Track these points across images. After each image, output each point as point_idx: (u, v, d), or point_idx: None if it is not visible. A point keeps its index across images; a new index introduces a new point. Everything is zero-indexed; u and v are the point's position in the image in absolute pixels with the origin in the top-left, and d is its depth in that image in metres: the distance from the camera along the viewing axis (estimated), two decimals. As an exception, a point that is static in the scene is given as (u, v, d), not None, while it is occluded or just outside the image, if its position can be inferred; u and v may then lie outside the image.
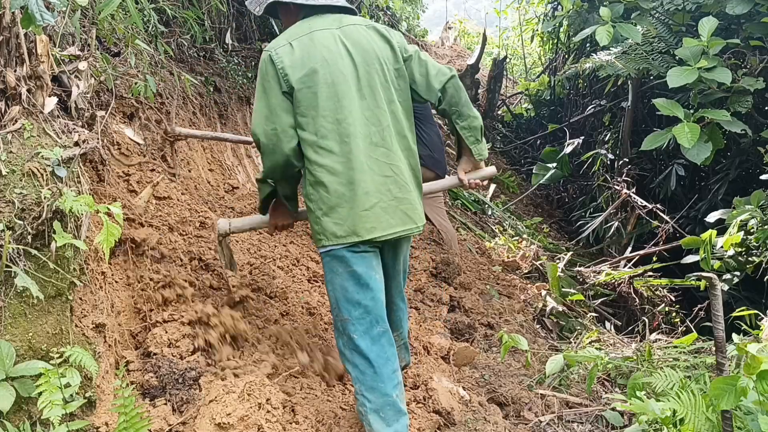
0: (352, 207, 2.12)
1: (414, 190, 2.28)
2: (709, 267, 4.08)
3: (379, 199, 2.15)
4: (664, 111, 4.34)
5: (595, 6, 6.47)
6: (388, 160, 2.20)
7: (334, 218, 2.13)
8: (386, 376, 2.19)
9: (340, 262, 2.17)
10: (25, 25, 1.86)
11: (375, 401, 2.17)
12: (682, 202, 6.23)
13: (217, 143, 4.19)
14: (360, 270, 2.17)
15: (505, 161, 8.78)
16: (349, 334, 2.19)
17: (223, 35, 4.65)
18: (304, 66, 2.13)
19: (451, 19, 14.56)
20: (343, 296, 2.19)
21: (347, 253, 2.15)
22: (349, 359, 2.23)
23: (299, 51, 2.15)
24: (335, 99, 2.13)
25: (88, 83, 2.48)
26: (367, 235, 2.13)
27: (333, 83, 2.14)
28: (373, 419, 2.16)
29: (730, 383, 2.00)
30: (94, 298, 2.16)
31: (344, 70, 2.16)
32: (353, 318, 2.18)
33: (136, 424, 1.91)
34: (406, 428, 2.22)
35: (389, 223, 2.17)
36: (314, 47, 2.16)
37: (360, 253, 2.17)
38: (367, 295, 2.18)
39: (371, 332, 2.19)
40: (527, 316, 4.18)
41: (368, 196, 2.13)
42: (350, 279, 2.17)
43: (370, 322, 2.19)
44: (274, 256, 3.35)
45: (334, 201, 2.13)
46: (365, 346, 2.18)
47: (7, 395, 1.77)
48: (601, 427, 2.93)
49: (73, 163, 2.07)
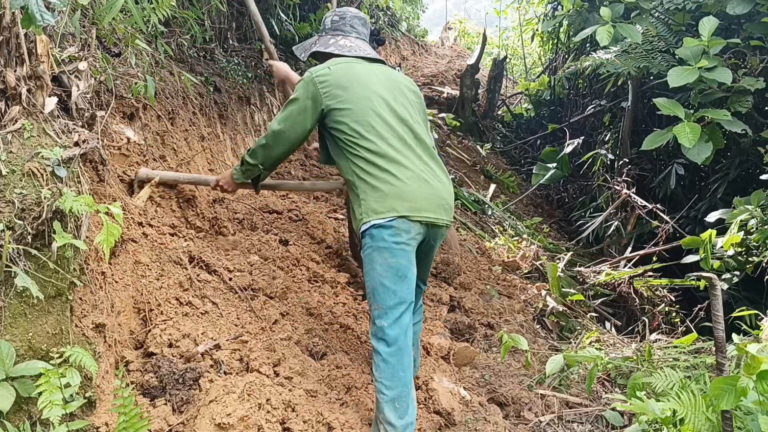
0: (395, 189, 2.34)
1: (448, 187, 2.54)
2: (709, 267, 4.08)
3: (419, 186, 2.39)
4: (665, 110, 4.34)
5: (596, 6, 6.47)
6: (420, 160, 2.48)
7: (375, 197, 2.35)
8: (407, 364, 2.33)
9: (381, 252, 2.33)
10: (25, 25, 1.86)
11: (394, 390, 2.28)
12: (682, 202, 6.23)
13: (217, 143, 4.19)
14: (399, 262, 2.33)
15: (505, 161, 8.78)
16: (380, 323, 2.32)
17: (223, 35, 4.66)
18: (340, 83, 2.47)
19: (451, 19, 14.58)
20: (381, 285, 2.33)
21: (392, 244, 2.32)
22: (376, 347, 2.34)
23: (338, 71, 2.50)
24: (367, 108, 2.44)
25: (88, 83, 2.48)
26: (405, 212, 2.33)
27: (366, 97, 2.45)
28: (388, 409, 2.26)
29: (730, 383, 2.00)
30: (94, 298, 2.16)
31: (375, 88, 2.49)
32: (387, 307, 2.32)
33: (136, 424, 1.91)
34: (413, 421, 2.33)
35: (426, 207, 2.39)
36: (350, 70, 2.53)
37: (401, 244, 2.33)
38: (403, 286, 2.34)
39: (401, 321, 2.33)
40: (527, 316, 4.18)
41: (410, 182, 2.37)
42: (389, 269, 2.32)
43: (402, 311, 2.34)
44: (274, 256, 3.35)
45: (379, 185, 2.35)
46: (394, 334, 2.31)
47: (7, 395, 1.77)
48: (601, 427, 2.93)
49: (73, 163, 2.07)
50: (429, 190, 2.41)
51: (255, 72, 4.83)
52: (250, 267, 3.16)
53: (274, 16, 5.12)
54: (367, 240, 2.37)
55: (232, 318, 2.77)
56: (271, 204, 3.95)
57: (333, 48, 2.68)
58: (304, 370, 2.62)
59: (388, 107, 2.48)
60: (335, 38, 2.74)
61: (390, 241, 2.32)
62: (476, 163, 7.79)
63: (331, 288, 3.35)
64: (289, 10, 5.28)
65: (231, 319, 2.76)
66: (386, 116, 2.45)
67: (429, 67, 10.97)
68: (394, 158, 2.38)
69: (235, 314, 2.80)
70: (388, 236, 2.32)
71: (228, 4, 4.57)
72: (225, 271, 3.03)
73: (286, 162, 4.90)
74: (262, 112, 4.94)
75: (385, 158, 2.37)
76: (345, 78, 2.48)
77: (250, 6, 3.74)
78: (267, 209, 3.89)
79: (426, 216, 2.38)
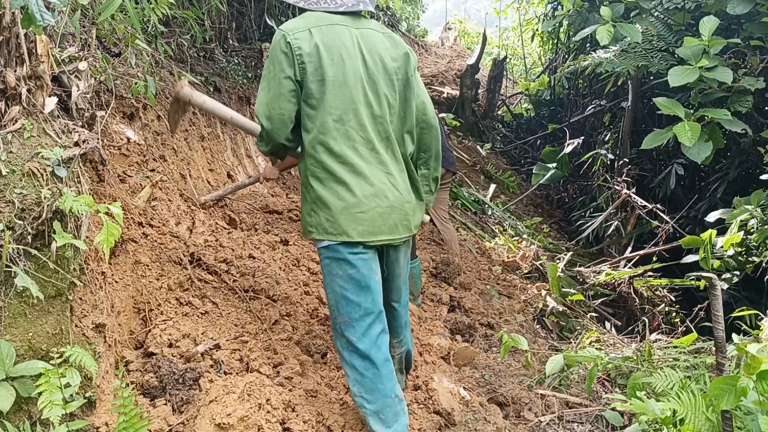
0: (347, 207, 2.11)
1: (410, 199, 2.27)
2: (709, 267, 4.08)
3: (376, 204, 2.14)
4: (665, 110, 4.34)
5: (596, 6, 6.47)
6: (385, 169, 2.19)
7: (326, 215, 2.12)
8: (386, 375, 2.20)
9: (339, 264, 2.16)
10: (26, 25, 1.86)
11: (375, 402, 2.18)
12: (682, 202, 6.23)
13: (217, 143, 4.19)
14: (360, 272, 2.16)
15: (505, 161, 8.78)
16: (348, 336, 2.19)
17: (223, 35, 4.66)
18: (320, 58, 2.08)
19: (451, 19, 14.58)
20: (343, 298, 2.17)
21: (348, 255, 2.14)
22: (348, 361, 2.22)
23: (319, 41, 2.09)
24: (343, 99, 2.11)
25: (88, 83, 2.48)
26: (358, 237, 2.12)
27: (344, 84, 2.11)
28: (373, 421, 2.18)
29: (730, 383, 2.00)
30: (94, 298, 2.16)
31: (356, 73, 2.13)
32: (353, 320, 2.17)
33: (136, 424, 1.91)
34: (405, 428, 2.23)
35: (380, 229, 2.16)
36: (333, 41, 2.11)
37: (359, 254, 2.15)
38: (367, 297, 2.18)
39: (370, 333, 2.19)
40: (527, 316, 4.18)
41: (365, 200, 2.12)
42: (350, 281, 2.16)
43: (370, 323, 2.19)
44: (274, 257, 3.35)
45: (331, 199, 2.11)
46: (364, 347, 2.18)
47: (7, 395, 1.77)
48: (601, 427, 2.93)
49: (73, 163, 2.07)
50: (386, 207, 2.16)
51: (255, 72, 4.83)
52: (250, 267, 3.16)
53: (274, 16, 5.12)
54: (323, 251, 2.18)
55: (232, 318, 2.77)
56: (271, 204, 3.95)
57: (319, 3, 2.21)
58: (304, 371, 2.61)
59: (366, 101, 2.14)
60: None
61: (346, 252, 2.14)
62: (476, 163, 7.79)
63: (331, 288, 3.34)
64: (289, 10, 5.27)
65: (231, 320, 2.76)
66: (362, 112, 2.13)
67: (429, 67, 10.97)
68: (355, 167, 2.11)
69: (235, 314, 2.80)
70: (343, 249, 2.14)
71: (228, 4, 4.57)
72: (225, 272, 3.03)
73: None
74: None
75: (346, 166, 2.10)
76: (326, 51, 2.07)
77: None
78: (267, 209, 3.89)
79: (380, 239, 2.17)
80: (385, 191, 2.16)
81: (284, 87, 2.08)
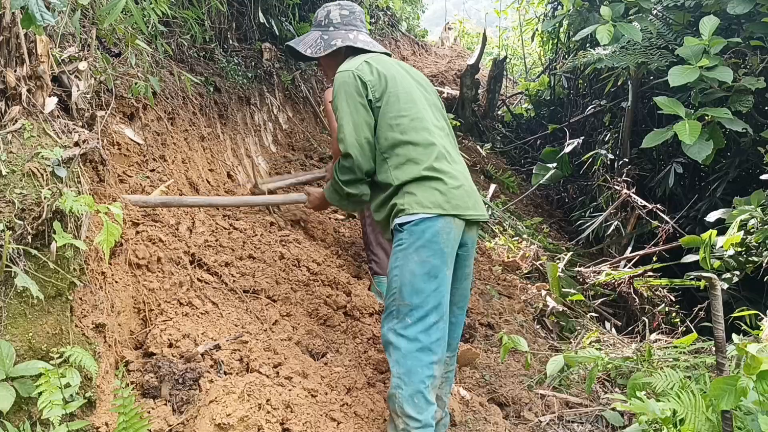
0: (438, 184, 2.30)
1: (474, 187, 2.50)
2: (709, 267, 4.08)
3: (463, 183, 2.36)
4: (665, 109, 4.34)
5: (596, 5, 6.46)
6: (460, 164, 2.46)
7: (419, 192, 2.28)
8: (424, 363, 2.26)
9: (417, 250, 2.26)
10: (26, 25, 1.86)
11: (411, 386, 2.24)
12: (681, 202, 6.23)
13: (217, 143, 4.19)
14: (432, 261, 2.26)
15: (505, 161, 8.77)
16: (404, 318, 2.27)
17: (223, 35, 4.65)
18: (383, 78, 2.38)
19: (451, 19, 14.57)
20: (410, 282, 2.26)
21: (429, 242, 2.25)
22: (394, 342, 2.28)
23: (376, 65, 2.40)
24: (413, 103, 2.39)
25: (88, 83, 2.48)
26: (453, 210, 2.29)
27: (408, 91, 2.40)
28: (407, 403, 2.24)
29: (730, 383, 2.00)
30: (94, 298, 2.16)
31: (413, 84, 2.45)
32: (414, 304, 2.26)
33: (135, 424, 1.91)
34: (433, 424, 2.29)
35: (468, 205, 2.35)
36: (387, 64, 2.44)
37: (441, 244, 2.26)
38: (432, 285, 2.26)
39: (426, 320, 2.26)
40: (527, 316, 4.18)
41: (454, 180, 2.33)
42: (421, 267, 2.25)
43: (428, 311, 2.26)
44: (275, 257, 3.35)
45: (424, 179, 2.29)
46: (413, 333, 2.25)
47: (7, 395, 1.77)
48: (601, 427, 2.93)
49: (73, 163, 2.07)
50: (468, 187, 2.40)
51: (255, 72, 4.83)
52: (250, 268, 3.16)
53: (274, 16, 5.12)
54: (404, 235, 2.29)
55: (232, 318, 2.77)
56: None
57: (360, 44, 2.58)
58: (305, 371, 2.61)
59: (427, 100, 2.46)
60: (350, 33, 2.61)
61: (429, 238, 2.25)
62: (476, 163, 7.79)
63: (331, 288, 3.34)
64: (289, 10, 5.27)
65: (231, 320, 2.76)
66: (429, 109, 2.43)
67: (429, 67, 10.97)
68: (441, 154, 2.35)
69: (235, 314, 2.80)
70: (429, 233, 2.26)
71: (228, 4, 4.57)
72: (225, 272, 3.03)
73: (285, 163, 4.90)
74: (262, 112, 4.94)
75: (432, 156, 2.32)
76: (385, 71, 2.40)
77: None
78: (268, 209, 3.89)
79: (470, 214, 2.34)
80: (466, 174, 2.43)
81: (362, 115, 2.36)
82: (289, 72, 5.36)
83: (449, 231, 2.28)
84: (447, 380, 2.55)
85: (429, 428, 2.28)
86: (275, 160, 4.85)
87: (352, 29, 2.60)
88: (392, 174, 2.33)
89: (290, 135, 5.23)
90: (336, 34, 2.59)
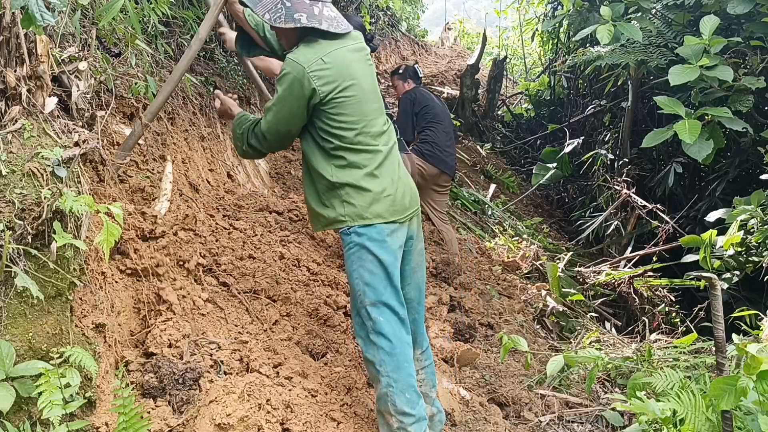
0: (378, 194, 2.34)
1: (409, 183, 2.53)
2: (709, 267, 4.08)
3: (396, 188, 2.40)
4: (666, 108, 4.34)
5: (596, 5, 6.47)
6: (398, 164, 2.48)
7: (360, 202, 2.32)
8: (409, 357, 2.34)
9: (367, 251, 2.31)
10: (26, 25, 1.86)
11: (401, 381, 2.28)
12: (681, 202, 6.23)
13: (217, 143, 4.19)
14: (386, 258, 2.31)
15: (505, 161, 8.78)
16: (375, 318, 2.31)
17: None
18: (337, 82, 2.30)
19: (451, 19, 14.56)
20: (371, 283, 2.31)
21: (373, 243, 2.31)
22: (375, 342, 2.32)
23: (333, 66, 2.30)
24: (362, 113, 2.35)
25: (88, 83, 2.48)
26: (392, 217, 2.35)
27: (359, 100, 2.35)
28: (399, 400, 2.28)
29: (730, 383, 2.00)
30: (94, 298, 2.16)
31: (366, 86, 2.39)
32: (381, 302, 2.31)
33: (135, 424, 1.91)
34: (425, 417, 2.36)
35: (404, 206, 2.41)
36: (344, 64, 2.34)
37: (387, 242, 2.33)
38: (392, 282, 2.33)
39: (397, 316, 2.33)
40: (527, 316, 4.18)
41: (391, 185, 2.38)
42: (378, 266, 2.30)
43: (396, 307, 2.33)
44: (275, 257, 3.35)
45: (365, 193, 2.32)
46: (390, 330, 2.31)
47: (7, 395, 1.77)
48: (601, 427, 2.93)
49: (73, 163, 2.07)
50: (403, 186, 2.43)
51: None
52: (250, 268, 3.15)
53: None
54: (352, 238, 2.34)
55: (232, 318, 2.77)
56: (272, 204, 3.95)
57: (326, 24, 2.33)
58: (305, 371, 2.62)
59: (373, 100, 2.41)
60: (314, 5, 2.32)
61: (377, 238, 2.32)
62: (476, 163, 7.80)
63: (331, 288, 3.34)
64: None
65: (231, 320, 2.76)
66: (373, 112, 2.39)
67: (429, 67, 10.97)
68: (383, 159, 2.37)
69: (236, 315, 2.80)
70: (375, 234, 2.32)
71: (228, 4, 4.56)
72: (225, 272, 3.03)
73: (285, 163, 4.90)
74: (262, 112, 4.94)
75: (374, 163, 2.35)
76: (338, 72, 2.30)
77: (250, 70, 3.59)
78: (267, 209, 3.89)
79: (408, 213, 2.42)
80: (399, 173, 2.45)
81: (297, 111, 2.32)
82: (289, 72, 5.35)
83: (394, 230, 2.37)
84: (427, 376, 2.61)
85: (423, 421, 2.33)
86: (275, 160, 4.85)
87: (317, 1, 2.34)
88: (332, 171, 2.35)
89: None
90: (299, 5, 2.31)
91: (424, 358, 2.61)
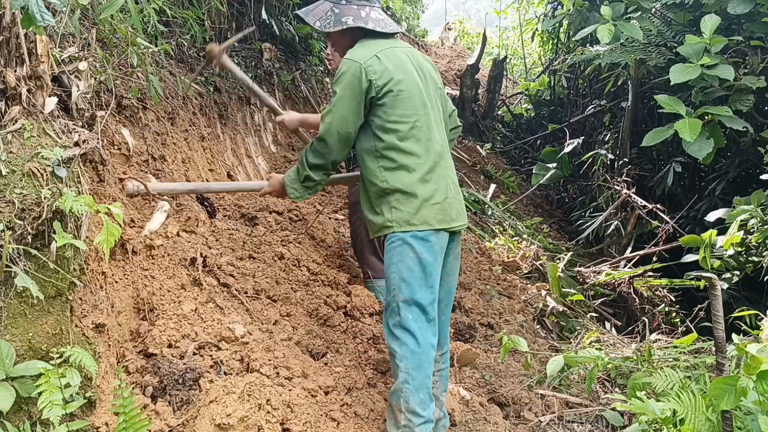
0: (426, 201, 2.35)
1: (459, 194, 2.56)
2: (709, 267, 4.08)
3: (446, 195, 2.41)
4: (666, 107, 4.34)
5: (596, 5, 6.46)
6: (450, 169, 2.51)
7: (408, 208, 2.34)
8: (431, 358, 2.36)
9: (410, 248, 2.33)
10: (26, 26, 1.86)
11: (418, 380, 2.30)
12: (681, 202, 6.23)
13: (217, 143, 4.19)
14: (426, 258, 2.33)
15: (505, 161, 8.77)
16: (404, 315, 2.32)
17: (223, 35, 4.65)
18: (391, 76, 2.35)
19: (451, 19, 14.55)
20: (407, 279, 2.33)
21: (417, 240, 2.33)
22: (399, 337, 2.33)
23: (386, 62, 2.37)
24: (415, 108, 2.38)
25: (88, 83, 2.48)
26: (438, 225, 2.36)
27: (412, 96, 2.38)
28: (413, 398, 2.29)
29: (730, 383, 2.00)
30: (94, 298, 2.16)
31: (419, 85, 2.42)
32: (414, 300, 2.32)
33: (135, 424, 1.91)
34: (434, 413, 2.38)
35: (451, 217, 2.42)
36: (398, 61, 2.40)
37: (431, 244, 2.35)
38: (429, 281, 2.35)
39: (427, 315, 2.35)
40: (527, 316, 4.18)
41: (440, 193, 2.39)
42: (417, 264, 2.32)
43: (427, 306, 2.35)
44: (275, 257, 3.35)
45: (414, 199, 2.34)
46: (417, 329, 2.32)
47: (7, 395, 1.77)
48: (601, 427, 2.93)
49: (73, 163, 2.07)
50: (452, 197, 2.44)
51: (255, 72, 4.83)
52: (250, 268, 3.15)
53: (274, 15, 5.11)
54: (396, 235, 2.36)
55: (232, 318, 2.77)
56: (272, 204, 3.95)
57: (372, 24, 2.44)
58: (305, 371, 2.62)
59: (430, 101, 2.44)
60: (362, 9, 2.46)
61: (421, 236, 2.34)
62: (476, 163, 7.79)
63: (331, 288, 3.34)
64: (289, 10, 5.27)
65: (231, 320, 2.75)
66: (431, 113, 2.42)
67: (429, 67, 10.95)
68: (435, 164, 2.38)
69: (235, 314, 2.80)
70: (421, 234, 2.34)
71: (228, 4, 4.57)
72: (225, 272, 3.02)
73: (285, 163, 4.90)
74: (262, 112, 4.94)
75: (425, 167, 2.36)
76: (393, 69, 2.36)
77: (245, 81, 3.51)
78: (268, 209, 3.89)
79: (455, 225, 2.42)
80: (451, 185, 2.46)
81: (355, 108, 2.35)
82: (289, 72, 5.36)
83: (438, 234, 2.38)
84: (441, 379, 2.60)
85: (429, 424, 2.33)
86: (275, 160, 4.85)
87: (364, 5, 2.47)
88: (382, 174, 2.37)
89: (290, 135, 5.22)
90: (347, 10, 2.45)
91: (442, 360, 2.61)
